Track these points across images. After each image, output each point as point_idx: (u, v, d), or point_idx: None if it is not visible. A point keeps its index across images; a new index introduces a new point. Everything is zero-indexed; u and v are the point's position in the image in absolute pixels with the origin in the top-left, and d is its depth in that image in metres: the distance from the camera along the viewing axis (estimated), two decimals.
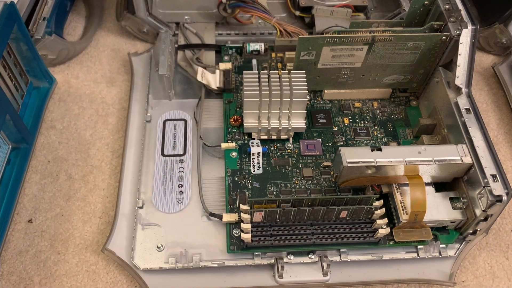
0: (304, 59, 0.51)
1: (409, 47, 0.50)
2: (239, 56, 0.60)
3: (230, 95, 0.56)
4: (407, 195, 0.44)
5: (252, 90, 0.48)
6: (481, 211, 0.41)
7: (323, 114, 0.54)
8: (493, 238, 0.50)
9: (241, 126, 0.52)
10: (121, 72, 0.62)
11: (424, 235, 0.44)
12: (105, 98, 0.59)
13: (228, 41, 0.63)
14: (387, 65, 0.52)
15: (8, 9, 0.46)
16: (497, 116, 0.61)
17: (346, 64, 0.52)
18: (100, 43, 0.66)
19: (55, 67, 0.62)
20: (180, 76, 0.59)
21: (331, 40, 0.48)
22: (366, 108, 0.55)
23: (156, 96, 0.56)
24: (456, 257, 0.46)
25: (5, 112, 0.46)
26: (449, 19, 0.49)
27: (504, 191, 0.40)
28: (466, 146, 0.43)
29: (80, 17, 0.69)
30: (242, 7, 0.58)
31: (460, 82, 0.47)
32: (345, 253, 0.44)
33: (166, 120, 0.54)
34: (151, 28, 0.63)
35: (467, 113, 0.45)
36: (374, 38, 0.48)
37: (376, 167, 0.42)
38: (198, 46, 0.61)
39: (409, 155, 0.42)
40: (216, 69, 0.57)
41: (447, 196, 0.45)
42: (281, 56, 0.60)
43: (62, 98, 0.59)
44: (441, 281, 0.45)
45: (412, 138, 0.53)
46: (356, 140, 0.52)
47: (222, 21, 0.64)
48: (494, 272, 0.47)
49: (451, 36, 0.48)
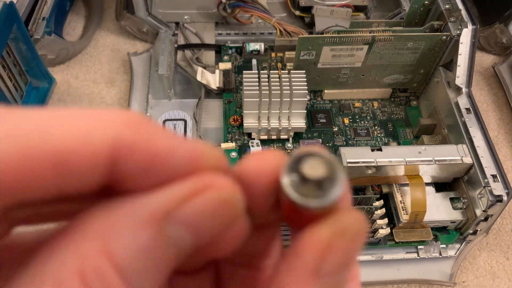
0: (304, 59, 0.50)
1: (409, 47, 0.50)
2: (239, 56, 0.60)
3: (230, 95, 0.56)
4: (407, 195, 0.44)
5: (252, 90, 0.47)
6: (481, 211, 0.41)
7: (323, 114, 0.54)
8: (494, 238, 0.50)
9: (241, 126, 0.52)
10: (120, 72, 0.62)
11: (424, 235, 0.44)
12: (105, 98, 0.59)
13: (228, 41, 0.63)
14: (387, 65, 0.52)
15: (8, 9, 0.46)
16: (497, 116, 0.61)
17: (346, 64, 0.52)
18: (100, 43, 0.66)
19: (55, 67, 0.62)
20: (180, 76, 0.59)
21: (331, 40, 0.48)
22: (366, 108, 0.55)
23: (156, 96, 0.56)
24: (457, 257, 0.46)
25: None
26: (449, 18, 0.49)
27: (504, 191, 0.40)
28: (467, 146, 0.43)
29: (79, 17, 0.69)
30: (242, 6, 0.58)
31: (461, 82, 0.47)
32: None
33: (166, 120, 0.54)
34: (151, 28, 0.63)
35: (468, 113, 0.45)
36: (374, 38, 0.48)
37: (376, 167, 0.42)
38: (197, 46, 0.61)
39: (409, 155, 0.42)
40: (216, 69, 0.57)
41: (447, 196, 0.45)
42: (281, 56, 0.60)
43: (62, 98, 0.59)
44: (442, 281, 0.45)
45: (412, 138, 0.53)
46: (356, 140, 0.52)
47: (222, 21, 0.64)
48: (495, 272, 0.47)
49: (451, 36, 0.48)
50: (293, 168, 0.11)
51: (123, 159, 0.10)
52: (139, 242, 0.10)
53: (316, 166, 0.11)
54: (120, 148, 0.10)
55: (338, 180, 0.11)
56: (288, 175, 0.11)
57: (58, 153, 0.09)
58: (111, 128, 0.10)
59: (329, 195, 0.11)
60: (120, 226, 0.10)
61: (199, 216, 0.11)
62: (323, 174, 0.11)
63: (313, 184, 0.11)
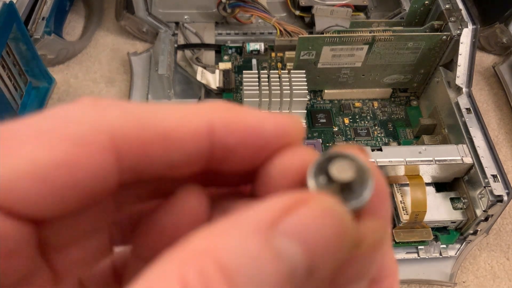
0: (304, 59, 0.50)
1: (409, 47, 0.49)
2: (238, 55, 0.60)
3: (230, 95, 0.56)
4: (407, 195, 0.44)
5: (252, 90, 0.47)
6: (481, 211, 0.41)
7: (323, 114, 0.54)
8: (494, 238, 0.49)
9: None
10: (120, 72, 0.62)
11: (425, 235, 0.44)
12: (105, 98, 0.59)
13: (228, 41, 0.63)
14: (387, 65, 0.52)
15: (7, 8, 0.46)
16: (497, 116, 0.61)
17: (346, 64, 0.51)
18: (100, 43, 0.66)
19: (54, 67, 0.62)
20: (180, 76, 0.59)
21: (331, 40, 0.48)
22: (366, 108, 0.55)
23: (156, 96, 0.56)
24: (457, 258, 0.46)
25: (4, 112, 0.46)
26: (450, 18, 0.49)
27: (504, 191, 0.40)
28: (467, 146, 0.43)
29: (79, 16, 0.69)
30: (241, 6, 0.58)
31: (461, 82, 0.47)
32: None
33: None
34: (151, 28, 0.63)
35: (468, 113, 0.45)
36: (374, 37, 0.48)
37: None
38: (197, 46, 0.60)
39: (410, 155, 0.42)
40: (216, 69, 0.57)
41: (447, 196, 0.45)
42: (281, 56, 0.60)
43: (62, 98, 0.59)
44: (442, 281, 0.45)
45: (413, 138, 0.53)
46: (356, 140, 0.52)
47: (221, 20, 0.64)
48: (495, 273, 0.47)
49: (451, 36, 0.48)
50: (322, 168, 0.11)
51: (219, 135, 0.11)
52: (245, 248, 0.09)
53: (345, 169, 0.11)
54: (216, 127, 0.11)
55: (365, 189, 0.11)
56: (315, 174, 0.11)
57: (165, 129, 0.11)
58: (207, 111, 0.12)
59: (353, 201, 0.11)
60: (225, 233, 0.10)
61: (307, 229, 0.10)
62: (351, 178, 0.11)
63: (339, 187, 0.11)
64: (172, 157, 0.11)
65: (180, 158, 0.11)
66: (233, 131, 0.12)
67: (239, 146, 0.12)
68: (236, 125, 0.12)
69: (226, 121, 0.12)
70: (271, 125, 0.12)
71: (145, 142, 0.11)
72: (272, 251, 0.10)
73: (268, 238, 0.10)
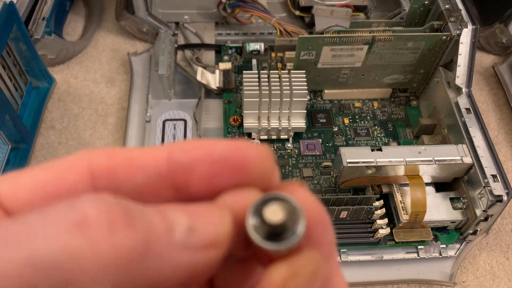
0: (304, 59, 0.50)
1: (409, 47, 0.50)
2: (239, 56, 0.60)
3: (230, 95, 0.56)
4: (407, 195, 0.44)
5: (252, 90, 0.47)
6: (481, 211, 0.41)
7: (323, 114, 0.54)
8: (494, 238, 0.50)
9: (241, 126, 0.52)
10: (120, 72, 0.62)
11: (424, 235, 0.44)
12: (105, 98, 0.59)
13: (228, 41, 0.63)
14: (387, 65, 0.52)
15: (8, 9, 0.46)
16: (497, 116, 0.61)
17: (346, 64, 0.52)
18: (100, 43, 0.66)
19: (55, 67, 0.62)
20: (180, 76, 0.59)
21: (331, 40, 0.48)
22: (366, 108, 0.55)
23: (156, 96, 0.56)
24: (457, 257, 0.46)
25: (4, 112, 0.46)
26: (449, 18, 0.49)
27: (504, 191, 0.40)
28: (467, 146, 0.43)
29: (79, 17, 0.69)
30: (241, 6, 0.58)
31: (461, 82, 0.47)
32: (345, 254, 0.44)
33: (166, 120, 0.54)
34: (151, 28, 0.63)
35: (468, 113, 0.45)
36: (374, 38, 0.48)
37: (376, 167, 0.42)
38: (197, 46, 0.61)
39: (409, 155, 0.42)
40: (216, 69, 0.57)
41: (447, 196, 0.45)
42: (281, 56, 0.60)
43: (62, 98, 0.59)
44: (442, 281, 0.45)
45: (412, 138, 0.53)
46: (356, 140, 0.52)
47: (221, 21, 0.64)
48: (495, 273, 0.47)
49: (451, 36, 0.48)
50: (257, 211, 0.12)
51: (175, 155, 0.13)
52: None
53: (277, 211, 0.12)
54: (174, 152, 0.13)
55: (297, 227, 0.12)
56: (253, 216, 0.12)
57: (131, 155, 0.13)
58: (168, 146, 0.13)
59: (286, 241, 0.12)
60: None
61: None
62: (281, 220, 0.12)
63: (273, 228, 0.12)
64: (137, 178, 0.13)
65: (144, 179, 0.13)
66: (187, 150, 0.13)
67: (193, 162, 0.13)
68: (190, 145, 0.13)
69: (183, 145, 0.13)
70: (223, 145, 0.13)
71: (113, 165, 0.13)
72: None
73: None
